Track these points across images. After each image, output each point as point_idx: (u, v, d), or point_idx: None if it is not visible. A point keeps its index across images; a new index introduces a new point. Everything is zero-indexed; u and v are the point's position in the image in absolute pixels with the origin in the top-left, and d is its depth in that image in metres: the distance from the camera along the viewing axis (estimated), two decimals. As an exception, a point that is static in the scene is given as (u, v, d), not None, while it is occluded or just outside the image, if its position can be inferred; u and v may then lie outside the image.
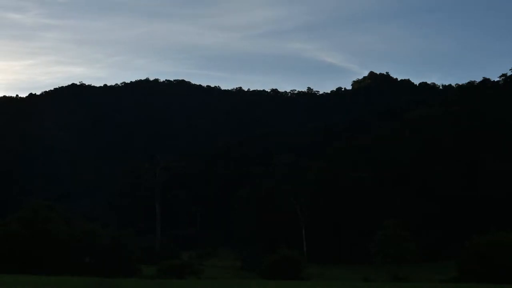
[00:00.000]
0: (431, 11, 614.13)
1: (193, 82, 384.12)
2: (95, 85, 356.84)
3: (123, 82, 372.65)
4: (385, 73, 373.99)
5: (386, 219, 79.31)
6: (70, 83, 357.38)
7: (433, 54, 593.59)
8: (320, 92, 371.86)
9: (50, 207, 69.62)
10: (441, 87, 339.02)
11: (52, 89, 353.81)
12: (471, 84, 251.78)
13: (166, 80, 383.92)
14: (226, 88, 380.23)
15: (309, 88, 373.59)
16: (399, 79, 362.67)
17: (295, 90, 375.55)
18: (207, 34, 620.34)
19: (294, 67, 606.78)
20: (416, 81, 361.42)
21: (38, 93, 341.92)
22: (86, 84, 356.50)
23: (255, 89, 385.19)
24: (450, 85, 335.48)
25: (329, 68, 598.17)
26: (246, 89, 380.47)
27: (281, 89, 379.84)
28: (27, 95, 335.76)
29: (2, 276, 37.75)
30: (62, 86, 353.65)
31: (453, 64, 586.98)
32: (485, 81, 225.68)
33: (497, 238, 48.07)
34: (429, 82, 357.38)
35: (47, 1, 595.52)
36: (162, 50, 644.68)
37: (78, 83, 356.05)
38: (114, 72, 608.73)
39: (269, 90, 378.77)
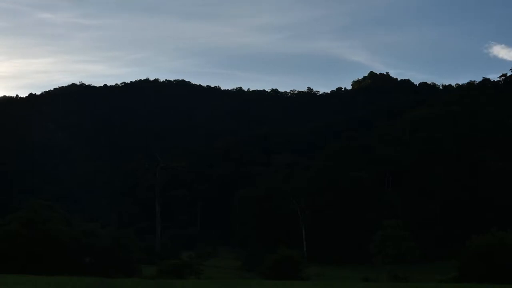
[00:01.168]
0: (431, 11, 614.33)
1: (193, 82, 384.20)
2: (95, 85, 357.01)
3: (123, 82, 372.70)
4: (385, 73, 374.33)
5: (386, 219, 79.34)
6: (70, 83, 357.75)
7: (433, 54, 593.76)
8: (320, 92, 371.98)
9: (50, 207, 69.66)
10: (441, 87, 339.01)
11: (52, 89, 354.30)
12: (471, 84, 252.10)
13: (166, 80, 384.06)
14: (226, 88, 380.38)
15: (309, 88, 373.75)
16: (399, 79, 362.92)
17: (295, 90, 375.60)
18: (207, 34, 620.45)
19: (293, 67, 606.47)
20: (416, 81, 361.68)
21: (38, 93, 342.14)
22: (86, 84, 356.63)
23: (255, 89, 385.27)
24: (450, 85, 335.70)
25: (328, 66, 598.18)
26: (246, 89, 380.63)
27: (281, 89, 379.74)
28: (27, 95, 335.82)
29: (2, 276, 37.74)
30: (62, 86, 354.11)
31: (453, 64, 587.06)
32: (485, 81, 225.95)
33: (497, 238, 48.05)
34: (429, 82, 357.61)
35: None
36: (162, 50, 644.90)
37: (78, 83, 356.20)
38: (114, 72, 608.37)
39: (269, 90, 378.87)
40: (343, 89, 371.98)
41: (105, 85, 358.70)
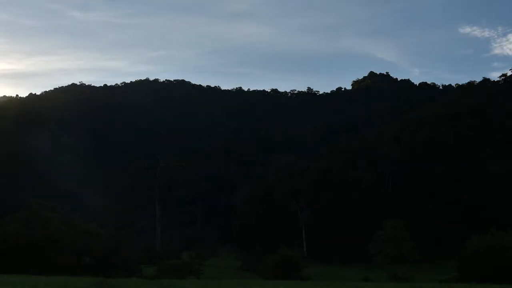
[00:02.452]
0: (430, 11, 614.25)
1: (193, 82, 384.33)
2: (95, 85, 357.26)
3: (123, 82, 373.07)
4: (385, 73, 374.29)
5: (386, 219, 79.40)
6: (70, 83, 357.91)
7: (433, 54, 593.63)
8: (320, 92, 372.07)
9: (50, 207, 69.61)
10: (441, 87, 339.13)
11: (52, 89, 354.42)
12: (471, 84, 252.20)
13: (166, 80, 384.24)
14: (226, 88, 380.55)
15: (309, 88, 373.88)
16: (399, 79, 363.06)
17: (295, 90, 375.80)
18: (207, 34, 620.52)
19: (293, 66, 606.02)
20: (416, 81, 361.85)
21: (38, 93, 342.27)
22: (86, 84, 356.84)
23: (255, 89, 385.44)
24: (450, 85, 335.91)
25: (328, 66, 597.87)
26: (246, 89, 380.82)
27: (281, 89, 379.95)
28: (27, 95, 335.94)
29: (2, 276, 37.75)
30: (62, 86, 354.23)
31: (453, 64, 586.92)
32: (485, 81, 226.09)
33: (497, 238, 48.08)
34: (429, 82, 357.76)
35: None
36: (162, 50, 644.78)
37: (78, 83, 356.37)
38: (114, 72, 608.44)
39: (269, 90, 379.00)
40: (343, 89, 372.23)
41: (105, 85, 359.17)
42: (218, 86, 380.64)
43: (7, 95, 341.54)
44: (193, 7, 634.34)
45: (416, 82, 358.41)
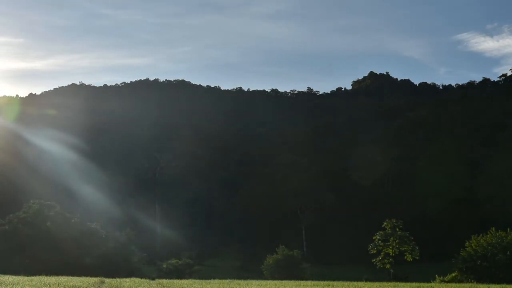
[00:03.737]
0: (431, 11, 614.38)
1: (193, 82, 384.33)
2: (95, 85, 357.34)
3: (123, 82, 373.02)
4: (385, 73, 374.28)
5: (386, 219, 79.36)
6: (70, 83, 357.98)
7: (433, 54, 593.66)
8: (320, 92, 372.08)
9: (50, 207, 69.71)
10: (441, 87, 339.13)
11: (52, 88, 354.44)
12: (471, 84, 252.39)
13: (166, 80, 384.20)
14: (226, 88, 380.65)
15: (309, 88, 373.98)
16: (399, 79, 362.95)
17: (295, 90, 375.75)
18: (207, 34, 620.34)
19: (294, 66, 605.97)
20: (416, 81, 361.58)
21: (38, 93, 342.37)
22: (86, 84, 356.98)
23: (255, 89, 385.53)
24: (450, 85, 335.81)
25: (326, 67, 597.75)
26: (246, 89, 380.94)
27: (281, 89, 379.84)
28: (27, 94, 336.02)
29: (2, 276, 37.78)
30: (62, 86, 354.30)
31: (453, 64, 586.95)
32: (485, 81, 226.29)
33: (497, 238, 48.12)
34: (429, 82, 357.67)
35: None
36: (162, 49, 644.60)
37: (78, 83, 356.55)
38: (114, 72, 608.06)
39: (269, 90, 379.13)
40: (343, 89, 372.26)
41: (105, 85, 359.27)
42: (218, 86, 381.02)
43: (7, 95, 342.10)
44: (194, 7, 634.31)
45: (416, 82, 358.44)
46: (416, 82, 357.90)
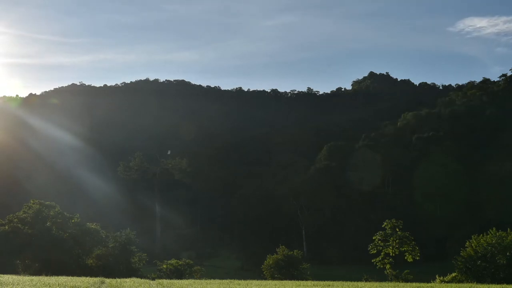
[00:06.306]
0: (430, 11, 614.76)
1: (193, 82, 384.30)
2: (95, 85, 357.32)
3: (123, 82, 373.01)
4: (385, 73, 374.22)
5: (386, 219, 79.31)
6: (70, 83, 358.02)
7: (433, 54, 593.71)
8: (320, 92, 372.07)
9: (50, 207, 69.69)
10: (441, 87, 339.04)
11: (52, 89, 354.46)
12: (471, 84, 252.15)
13: (166, 80, 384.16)
14: (226, 88, 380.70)
15: (309, 88, 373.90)
16: (399, 79, 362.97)
17: (295, 90, 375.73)
18: (207, 34, 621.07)
19: (294, 67, 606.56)
20: (416, 81, 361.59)
21: (38, 93, 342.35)
22: (86, 84, 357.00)
23: (255, 89, 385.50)
24: (450, 85, 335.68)
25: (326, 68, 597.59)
26: (246, 89, 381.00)
27: (281, 89, 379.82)
28: (27, 95, 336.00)
29: (2, 276, 37.78)
30: (62, 86, 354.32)
31: (453, 64, 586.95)
32: (485, 81, 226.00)
33: (497, 238, 48.11)
34: (429, 82, 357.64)
35: None
36: (162, 49, 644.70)
37: (78, 83, 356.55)
38: (114, 72, 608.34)
39: (269, 90, 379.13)
40: (343, 89, 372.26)
41: (105, 85, 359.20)
42: (218, 86, 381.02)
43: (7, 95, 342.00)
44: (194, 6, 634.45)
45: (416, 82, 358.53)
46: (416, 82, 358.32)
